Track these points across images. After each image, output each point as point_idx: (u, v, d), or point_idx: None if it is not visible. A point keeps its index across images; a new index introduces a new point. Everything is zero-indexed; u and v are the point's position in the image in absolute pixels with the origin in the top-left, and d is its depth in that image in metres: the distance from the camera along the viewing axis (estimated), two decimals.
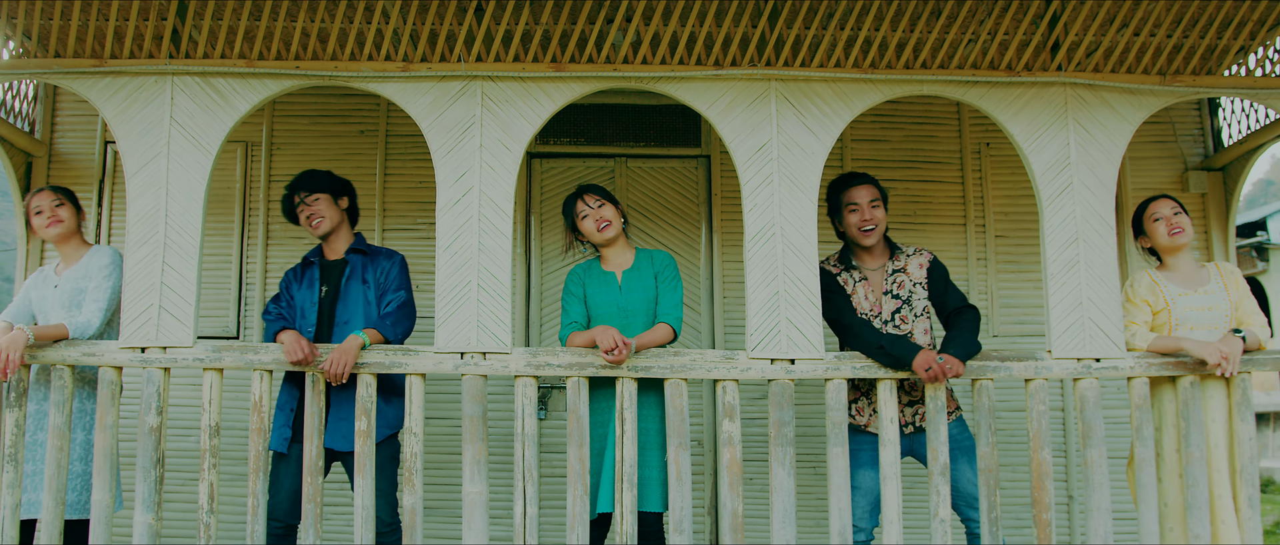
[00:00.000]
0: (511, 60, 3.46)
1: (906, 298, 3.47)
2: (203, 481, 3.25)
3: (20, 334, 3.23)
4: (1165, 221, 3.51)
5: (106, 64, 3.41)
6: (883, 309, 3.47)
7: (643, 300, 3.44)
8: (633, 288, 3.45)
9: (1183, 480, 3.40)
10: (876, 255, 3.55)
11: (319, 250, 3.63)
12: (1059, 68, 3.54)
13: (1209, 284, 3.52)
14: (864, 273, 3.52)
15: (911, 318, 3.47)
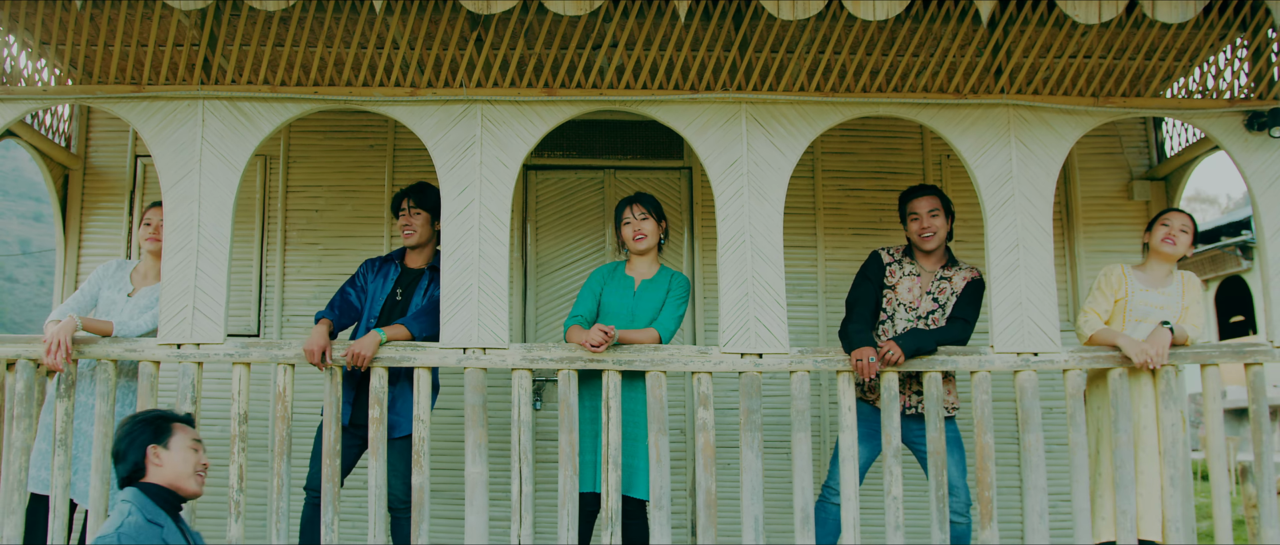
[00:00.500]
0: (508, 85, 3.85)
1: (943, 303, 3.88)
2: (233, 464, 3.64)
3: (70, 320, 3.61)
4: (1168, 231, 3.93)
5: (144, 90, 3.80)
6: (920, 305, 3.88)
7: (651, 310, 3.83)
8: (646, 296, 3.85)
9: (1113, 461, 3.78)
10: (934, 260, 3.96)
11: (403, 253, 4.03)
12: (1002, 90, 3.92)
13: (1170, 288, 3.93)
14: (918, 270, 3.94)
15: (943, 320, 3.88)
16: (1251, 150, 3.99)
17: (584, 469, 3.74)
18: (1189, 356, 3.81)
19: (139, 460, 2.65)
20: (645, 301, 3.82)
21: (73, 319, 3.62)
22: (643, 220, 3.86)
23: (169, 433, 2.72)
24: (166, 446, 2.68)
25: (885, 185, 4.98)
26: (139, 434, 2.69)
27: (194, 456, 2.74)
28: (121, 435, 2.69)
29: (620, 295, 3.86)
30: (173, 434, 2.72)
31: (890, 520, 3.67)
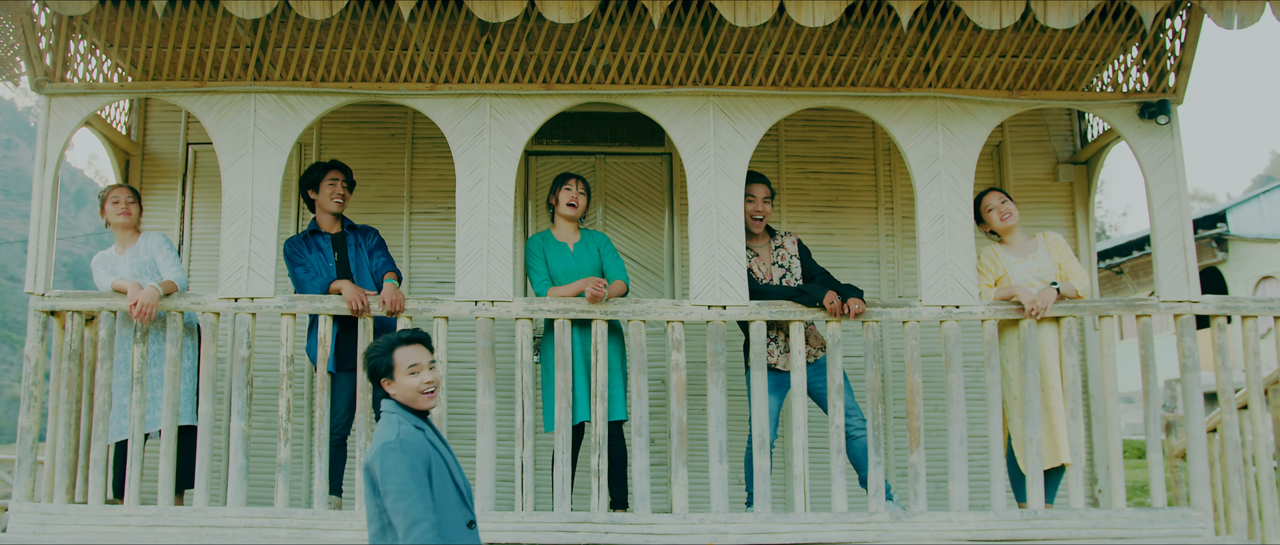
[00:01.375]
0: (512, 81, 4.55)
1: (787, 266, 4.63)
2: (281, 398, 4.35)
3: (153, 289, 4.32)
4: (997, 210, 4.62)
5: (206, 85, 4.51)
6: (773, 275, 4.61)
7: (591, 266, 4.61)
8: (582, 256, 4.62)
9: (1023, 394, 4.49)
10: (762, 238, 4.70)
11: (315, 225, 4.74)
12: (931, 84, 4.63)
13: (1037, 252, 4.62)
14: (756, 249, 4.67)
15: (793, 280, 4.62)
16: (1143, 136, 4.70)
17: (577, 403, 4.45)
18: (1086, 309, 4.52)
19: (378, 386, 3.00)
20: (584, 260, 4.60)
21: (155, 286, 4.32)
22: (580, 194, 4.65)
23: (390, 365, 2.95)
24: (391, 377, 2.95)
25: (841, 168, 5.69)
26: (372, 363, 2.98)
27: (415, 379, 2.95)
28: (366, 361, 3.01)
29: (562, 259, 4.62)
30: (395, 365, 2.94)
31: (834, 444, 4.37)
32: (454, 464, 2.95)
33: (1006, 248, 4.67)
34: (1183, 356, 4.55)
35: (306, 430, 5.19)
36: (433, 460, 2.84)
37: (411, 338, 3.00)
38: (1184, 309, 4.54)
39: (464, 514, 2.88)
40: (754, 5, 4.04)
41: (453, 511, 2.84)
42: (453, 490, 2.87)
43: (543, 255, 4.62)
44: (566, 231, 4.68)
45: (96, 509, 4.27)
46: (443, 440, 3.01)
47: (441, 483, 2.84)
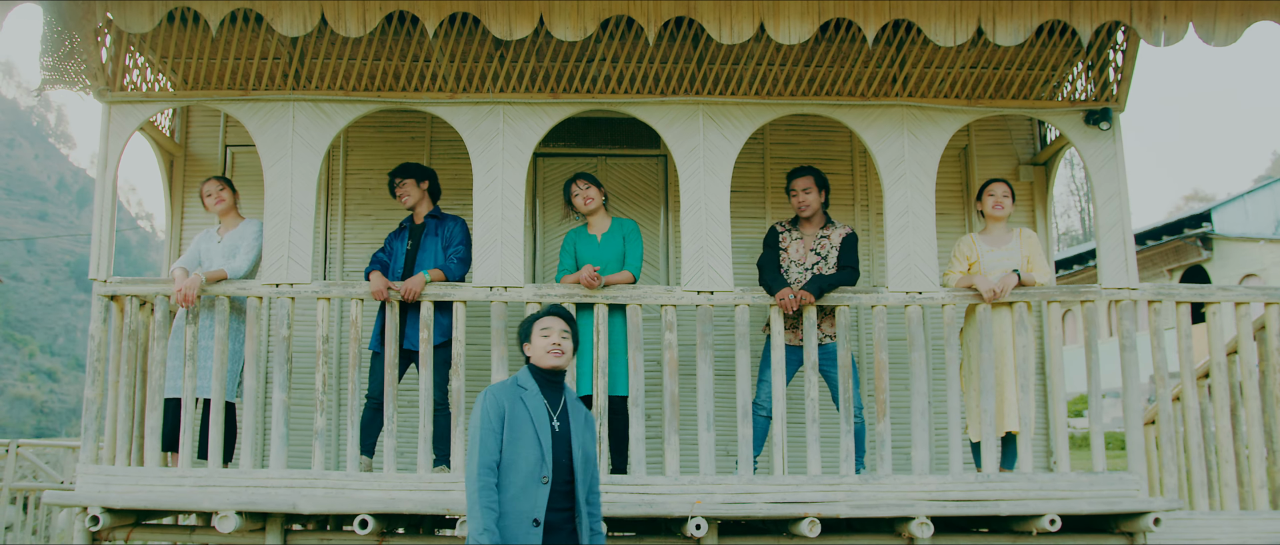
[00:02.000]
0: (523, 90, 5.10)
1: (825, 255, 5.15)
2: (318, 373, 4.90)
3: (196, 277, 4.87)
4: (995, 199, 5.17)
5: (249, 95, 5.05)
6: (806, 260, 5.15)
7: (614, 254, 5.11)
8: (608, 245, 5.13)
9: (980, 371, 5.03)
10: (813, 224, 5.24)
11: (410, 217, 5.30)
12: (898, 94, 5.17)
13: (1011, 245, 5.17)
14: (802, 234, 5.21)
15: (826, 269, 5.15)
16: (1089, 140, 5.24)
17: (579, 377, 5.00)
18: (1035, 295, 5.06)
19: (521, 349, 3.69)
20: (609, 249, 5.12)
21: (198, 275, 4.87)
22: (587, 189, 5.18)
23: (530, 331, 3.64)
24: (529, 340, 3.63)
25: (823, 166, 6.22)
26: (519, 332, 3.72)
27: (544, 340, 3.57)
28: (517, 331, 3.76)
29: (588, 249, 5.17)
30: (532, 330, 3.63)
31: (810, 415, 4.91)
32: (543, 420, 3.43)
33: (984, 237, 5.22)
34: (1122, 337, 5.10)
35: (335, 404, 5.73)
36: (514, 413, 3.40)
37: (550, 310, 3.64)
38: (1123, 295, 5.09)
39: (539, 468, 3.37)
40: (737, 24, 4.58)
41: (526, 463, 3.36)
42: (531, 444, 3.38)
43: (573, 248, 5.18)
44: (597, 223, 5.23)
45: (153, 471, 4.81)
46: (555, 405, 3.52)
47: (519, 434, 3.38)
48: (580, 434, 3.55)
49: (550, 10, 4.55)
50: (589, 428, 3.64)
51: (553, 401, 3.54)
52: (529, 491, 3.36)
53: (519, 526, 3.36)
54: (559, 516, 3.43)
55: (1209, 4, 4.61)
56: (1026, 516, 4.72)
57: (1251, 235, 20.99)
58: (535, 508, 3.36)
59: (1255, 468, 5.06)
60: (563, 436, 3.49)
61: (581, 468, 3.49)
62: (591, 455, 3.58)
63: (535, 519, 3.36)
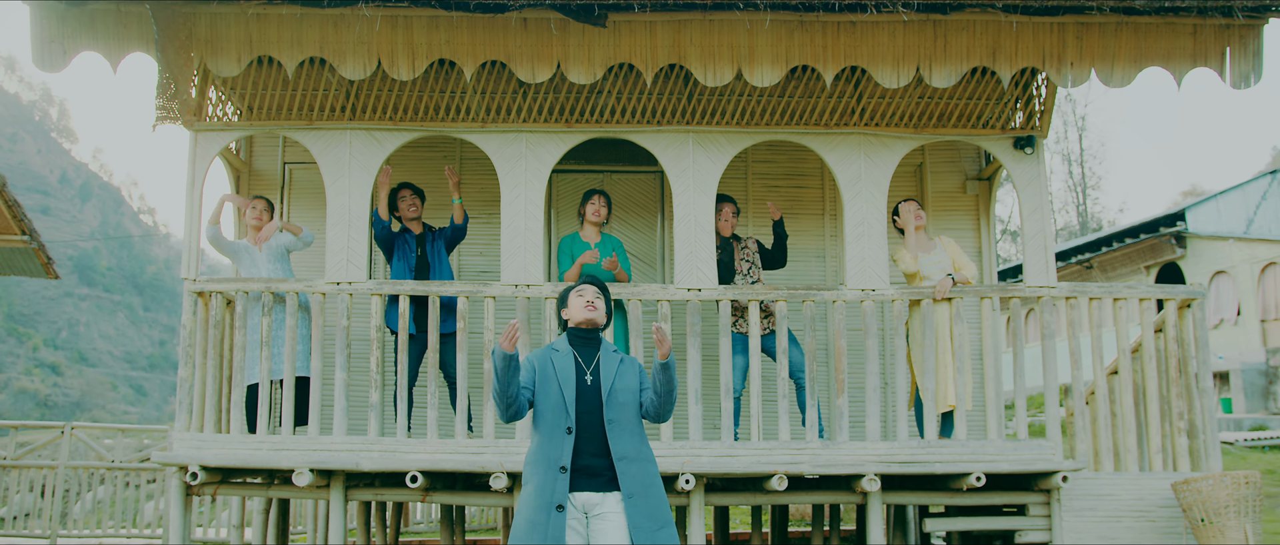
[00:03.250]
0: (543, 120, 6.09)
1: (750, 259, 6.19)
2: (372, 356, 5.90)
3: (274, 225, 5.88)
4: (913, 216, 6.17)
5: (313, 124, 6.05)
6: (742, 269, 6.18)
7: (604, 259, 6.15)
8: (601, 254, 6.16)
9: (922, 356, 6.04)
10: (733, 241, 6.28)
11: (403, 228, 6.29)
12: (856, 122, 6.17)
13: (937, 250, 6.18)
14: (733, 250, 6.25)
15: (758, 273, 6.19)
16: (1017, 162, 6.25)
17: None
18: (973, 292, 6.07)
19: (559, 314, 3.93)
20: (601, 254, 6.13)
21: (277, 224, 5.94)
22: (603, 206, 6.20)
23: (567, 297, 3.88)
24: (567, 306, 3.86)
25: (795, 184, 7.25)
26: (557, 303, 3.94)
27: (580, 300, 3.80)
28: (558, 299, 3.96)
29: (584, 251, 6.16)
30: (569, 296, 3.86)
31: (779, 391, 5.92)
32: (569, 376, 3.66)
33: (915, 246, 6.23)
34: (1043, 328, 6.10)
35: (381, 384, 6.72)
36: (543, 370, 3.71)
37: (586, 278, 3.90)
38: (1043, 293, 6.09)
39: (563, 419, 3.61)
40: (719, 70, 5.59)
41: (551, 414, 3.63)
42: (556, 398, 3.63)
43: (571, 251, 6.17)
44: (590, 233, 6.23)
45: (236, 437, 5.81)
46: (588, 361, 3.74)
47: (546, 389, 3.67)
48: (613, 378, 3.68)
49: (566, 58, 5.55)
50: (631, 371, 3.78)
51: (587, 358, 3.75)
52: (555, 439, 3.58)
53: (547, 471, 3.58)
54: (598, 462, 3.60)
55: (1106, 55, 5.62)
56: (958, 475, 5.73)
57: (1222, 234, 21.99)
58: (562, 455, 3.57)
59: (1152, 436, 6.08)
60: (593, 389, 3.66)
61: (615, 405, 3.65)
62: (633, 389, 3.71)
63: (562, 466, 3.56)
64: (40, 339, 79.33)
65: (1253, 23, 5.56)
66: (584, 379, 3.70)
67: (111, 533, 11.44)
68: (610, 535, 3.57)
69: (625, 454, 3.64)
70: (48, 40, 5.45)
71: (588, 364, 3.75)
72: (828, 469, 5.66)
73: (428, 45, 5.52)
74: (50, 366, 77.04)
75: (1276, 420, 16.01)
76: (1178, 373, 6.13)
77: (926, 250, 6.20)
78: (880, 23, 5.52)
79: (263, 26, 5.48)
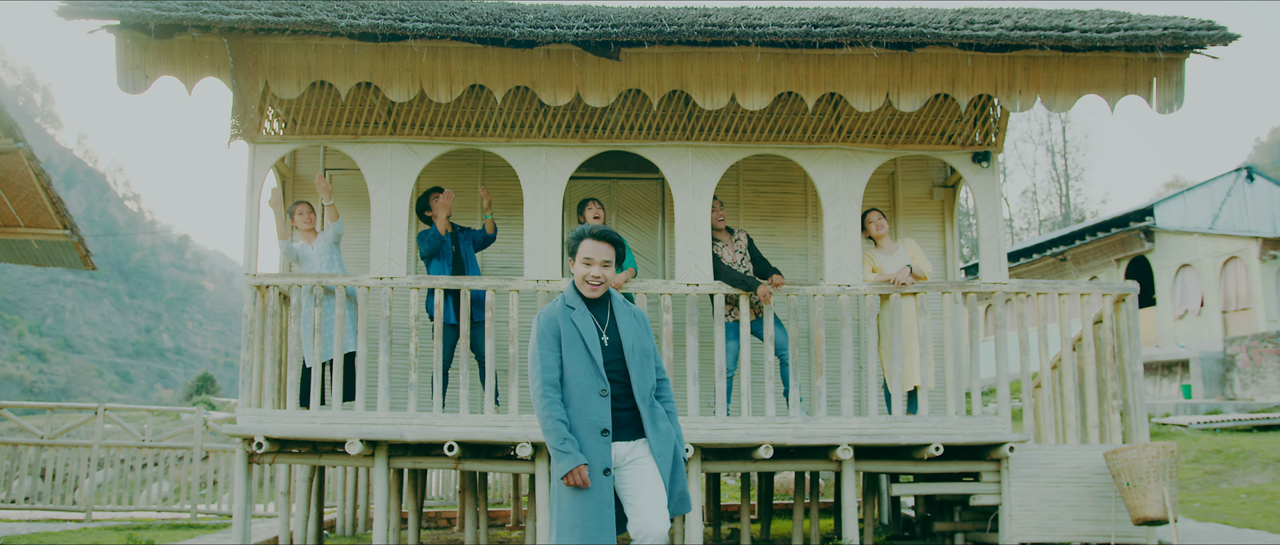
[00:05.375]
0: (560, 136, 6.94)
1: (742, 252, 7.05)
2: (411, 341, 6.75)
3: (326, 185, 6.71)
4: (875, 224, 7.07)
5: (359, 138, 6.89)
6: (738, 262, 7.04)
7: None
8: None
9: (891, 343, 6.93)
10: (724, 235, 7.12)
11: (435, 229, 7.12)
12: (835, 139, 7.05)
13: (898, 251, 7.07)
14: (724, 242, 7.10)
15: (750, 265, 7.06)
16: (975, 173, 7.15)
17: None
18: (931, 287, 6.96)
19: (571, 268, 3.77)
20: None
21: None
22: (596, 213, 7.02)
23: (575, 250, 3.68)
24: (573, 258, 3.67)
25: (781, 189, 8.13)
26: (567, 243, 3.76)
27: (584, 270, 3.65)
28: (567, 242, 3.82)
29: None
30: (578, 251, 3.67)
31: (767, 373, 6.81)
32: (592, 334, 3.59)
33: (878, 249, 7.13)
34: (996, 319, 7.01)
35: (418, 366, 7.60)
36: (566, 331, 3.61)
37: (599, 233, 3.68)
38: (996, 288, 7.00)
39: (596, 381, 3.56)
40: (715, 95, 6.45)
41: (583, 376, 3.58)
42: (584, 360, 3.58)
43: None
44: None
45: (293, 412, 6.65)
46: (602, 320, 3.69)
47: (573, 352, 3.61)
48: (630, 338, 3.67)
49: (584, 85, 6.40)
50: (642, 327, 3.78)
51: (600, 316, 3.72)
52: (591, 402, 3.58)
53: (589, 436, 3.59)
54: (625, 414, 3.67)
55: (1049, 84, 6.51)
56: (920, 445, 6.63)
57: (1188, 229, 23.06)
58: (601, 418, 3.58)
59: (1090, 414, 7.01)
60: (614, 346, 3.67)
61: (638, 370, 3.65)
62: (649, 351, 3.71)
63: (603, 429, 3.58)
64: (25, 325, 79.54)
65: (1175, 57, 6.46)
66: (602, 338, 3.70)
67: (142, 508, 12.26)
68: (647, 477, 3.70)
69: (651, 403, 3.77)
70: (131, 67, 6.26)
71: (603, 323, 3.75)
72: (807, 440, 6.55)
73: (464, 73, 6.36)
74: (36, 353, 77.31)
75: (1231, 405, 17.07)
76: (1113, 358, 7.05)
77: (889, 252, 7.10)
78: (855, 56, 6.40)
79: (320, 55, 6.30)
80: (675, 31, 6.03)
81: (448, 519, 10.19)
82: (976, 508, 7.05)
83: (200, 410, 12.40)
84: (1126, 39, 6.18)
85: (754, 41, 6.10)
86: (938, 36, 6.10)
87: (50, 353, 79.55)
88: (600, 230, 3.75)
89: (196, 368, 78.82)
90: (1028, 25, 6.23)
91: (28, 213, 10.43)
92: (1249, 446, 13.07)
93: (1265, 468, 12.08)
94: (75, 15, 5.92)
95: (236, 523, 6.53)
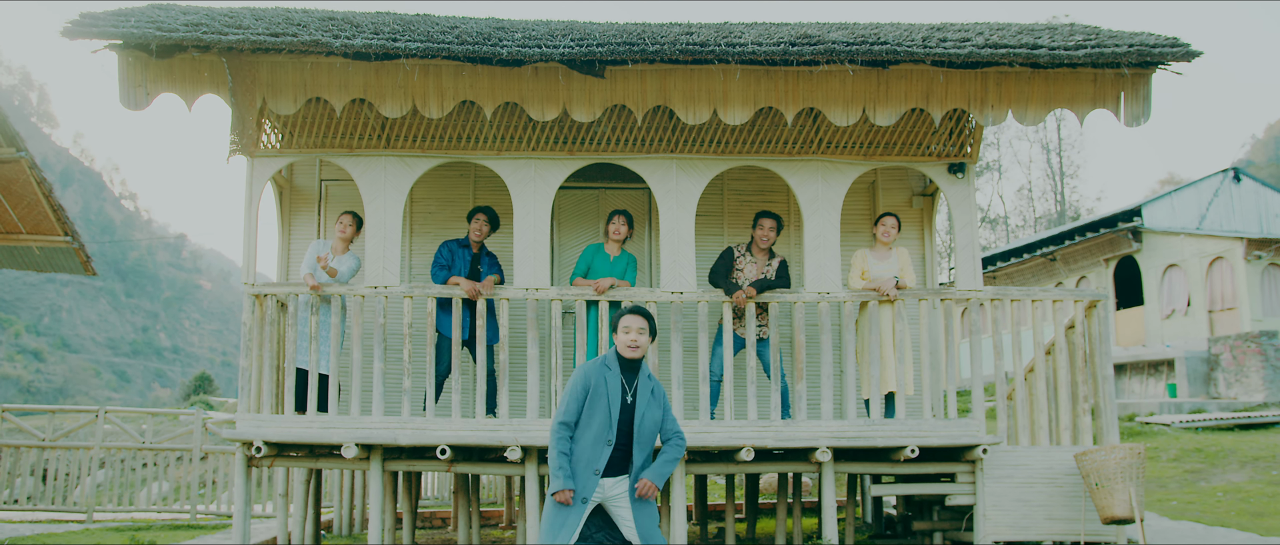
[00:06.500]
0: (549, 148, 7.17)
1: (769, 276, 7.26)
2: (405, 350, 6.97)
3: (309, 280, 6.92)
4: (884, 228, 7.29)
5: (354, 151, 7.11)
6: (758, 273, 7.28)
7: (619, 271, 7.22)
8: (618, 264, 7.24)
9: (869, 349, 7.17)
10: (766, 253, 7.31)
11: (465, 239, 7.32)
12: (815, 151, 7.28)
13: (891, 260, 7.30)
14: (756, 260, 7.30)
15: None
16: (951, 184, 7.38)
17: (588, 353, 7.10)
18: (908, 294, 7.19)
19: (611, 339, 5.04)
20: (617, 266, 7.21)
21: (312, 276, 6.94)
22: (623, 225, 7.24)
23: (618, 325, 4.57)
24: (616, 332, 4.56)
25: (765, 199, 8.36)
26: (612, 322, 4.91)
27: (625, 337, 4.51)
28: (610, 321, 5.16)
29: (605, 266, 7.24)
30: (619, 324, 4.56)
31: (749, 378, 7.04)
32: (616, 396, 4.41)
33: (873, 253, 7.36)
34: (970, 325, 7.24)
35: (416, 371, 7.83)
36: (596, 386, 4.44)
37: (635, 310, 4.62)
38: (971, 296, 7.24)
39: (606, 432, 4.39)
40: (697, 110, 6.68)
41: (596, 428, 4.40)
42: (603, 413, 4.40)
43: (589, 261, 7.24)
44: (613, 248, 7.31)
45: (290, 418, 6.87)
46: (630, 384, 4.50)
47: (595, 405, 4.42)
48: (644, 406, 4.45)
49: (570, 101, 6.63)
50: (657, 400, 4.56)
51: (629, 380, 4.52)
52: (596, 448, 4.40)
53: (583, 472, 4.43)
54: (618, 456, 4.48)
55: (1021, 99, 6.75)
56: (896, 447, 6.87)
57: (1175, 229, 23.32)
58: (598, 460, 4.42)
59: (1063, 416, 7.25)
60: (630, 408, 4.45)
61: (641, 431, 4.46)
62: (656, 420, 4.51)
63: (595, 469, 4.41)
64: (22, 325, 79.67)
65: (1141, 73, 6.70)
66: (625, 399, 4.51)
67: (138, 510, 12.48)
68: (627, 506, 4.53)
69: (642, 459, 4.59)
70: (133, 85, 6.48)
71: (630, 385, 4.55)
72: (788, 443, 6.79)
73: (455, 89, 6.58)
74: (33, 352, 77.45)
75: (1215, 404, 17.34)
76: (1084, 363, 7.30)
77: (883, 259, 7.33)
78: (832, 73, 6.63)
79: (316, 73, 6.52)
80: (658, 50, 6.26)
81: (442, 519, 10.43)
82: (953, 507, 7.30)
83: (199, 411, 12.63)
84: (1093, 56, 6.41)
85: (734, 59, 6.33)
86: (911, 54, 6.33)
87: (47, 352, 79.68)
88: (634, 308, 4.65)
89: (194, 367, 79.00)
90: (998, 43, 6.47)
91: (29, 220, 10.67)
92: (1229, 445, 13.33)
93: (1243, 466, 12.34)
94: (79, 35, 6.14)
95: (236, 524, 6.75)
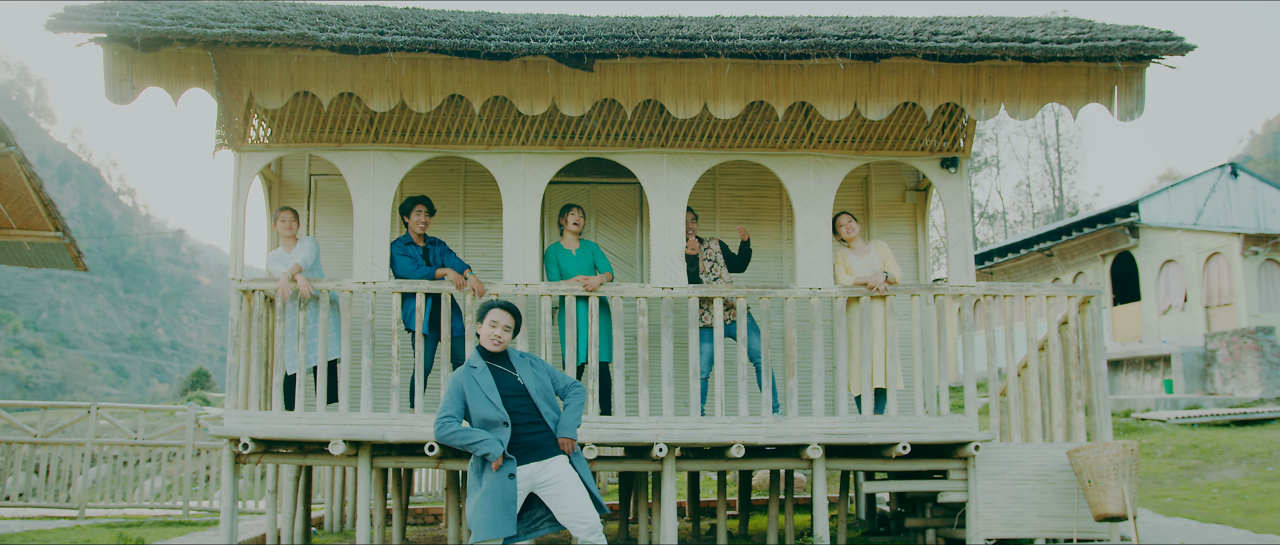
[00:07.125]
0: (538, 142, 7.12)
1: (713, 258, 7.23)
2: (393, 344, 6.92)
3: (284, 280, 6.83)
4: (844, 226, 7.24)
5: (342, 145, 7.05)
6: (706, 268, 7.23)
7: (588, 264, 7.17)
8: (582, 257, 7.20)
9: (861, 345, 7.12)
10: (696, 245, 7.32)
11: (408, 237, 7.26)
12: (807, 145, 7.23)
13: (870, 253, 7.26)
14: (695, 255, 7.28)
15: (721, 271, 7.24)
16: (943, 178, 7.33)
17: (579, 349, 7.06)
18: (901, 290, 7.15)
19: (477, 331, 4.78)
20: (582, 260, 7.17)
21: (285, 277, 6.85)
22: (580, 217, 7.20)
23: (484, 316, 4.71)
24: (481, 323, 4.70)
25: (756, 194, 8.32)
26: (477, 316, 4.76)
27: (492, 331, 4.67)
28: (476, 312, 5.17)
29: (570, 261, 7.20)
30: (486, 316, 4.70)
31: (739, 374, 7.00)
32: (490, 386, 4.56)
33: (850, 250, 7.31)
34: (962, 321, 7.20)
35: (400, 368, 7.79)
36: (470, 388, 4.58)
37: (504, 306, 4.79)
38: (964, 291, 7.19)
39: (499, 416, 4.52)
40: (687, 105, 6.62)
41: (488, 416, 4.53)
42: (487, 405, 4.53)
43: (556, 260, 7.20)
44: (571, 241, 7.26)
45: (278, 414, 6.82)
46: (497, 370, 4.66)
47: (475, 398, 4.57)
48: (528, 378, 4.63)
49: (559, 95, 6.58)
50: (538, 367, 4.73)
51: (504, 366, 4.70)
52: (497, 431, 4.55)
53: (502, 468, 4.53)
54: (539, 436, 4.61)
55: (1013, 93, 6.69)
56: (888, 444, 6.83)
57: (1172, 225, 23.28)
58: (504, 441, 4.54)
59: (1056, 412, 7.21)
60: (522, 387, 4.63)
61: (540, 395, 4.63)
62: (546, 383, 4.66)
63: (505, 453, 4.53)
64: (20, 320, 79.60)
65: (1134, 67, 6.65)
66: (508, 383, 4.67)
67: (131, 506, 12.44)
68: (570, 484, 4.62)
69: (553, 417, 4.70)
70: (118, 79, 6.42)
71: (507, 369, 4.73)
72: (779, 439, 6.74)
73: (443, 83, 6.52)
74: (31, 348, 77.39)
75: (1211, 400, 17.31)
76: (1077, 359, 7.25)
77: (861, 254, 7.28)
78: (823, 66, 6.57)
79: (303, 67, 6.47)
80: (647, 43, 6.20)
81: (435, 515, 10.39)
82: (946, 504, 7.26)
83: (193, 407, 12.58)
84: (1086, 50, 6.36)
85: (724, 53, 6.28)
86: (902, 48, 6.28)
87: (45, 348, 79.60)
88: (502, 302, 4.79)
89: (192, 362, 78.89)
90: (990, 36, 6.42)
91: (20, 215, 10.61)
92: (1225, 441, 13.30)
93: (1239, 462, 12.31)
94: (63, 29, 6.08)
95: (223, 521, 6.71)
